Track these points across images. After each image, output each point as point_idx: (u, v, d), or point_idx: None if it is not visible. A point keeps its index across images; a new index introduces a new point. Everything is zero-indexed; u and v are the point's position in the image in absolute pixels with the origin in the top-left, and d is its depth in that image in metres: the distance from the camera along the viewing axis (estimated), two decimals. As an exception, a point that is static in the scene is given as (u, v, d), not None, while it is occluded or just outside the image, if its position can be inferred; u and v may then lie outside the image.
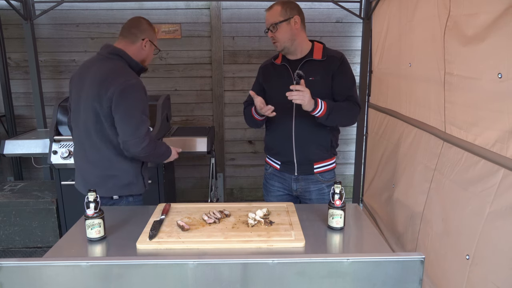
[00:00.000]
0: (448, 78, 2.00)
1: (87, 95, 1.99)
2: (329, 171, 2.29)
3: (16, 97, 3.97)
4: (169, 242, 1.61)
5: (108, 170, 2.06)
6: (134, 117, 1.94)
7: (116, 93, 1.91)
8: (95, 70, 2.02)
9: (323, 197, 2.27)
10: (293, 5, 2.12)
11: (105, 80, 1.94)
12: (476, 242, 1.71)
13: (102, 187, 2.02)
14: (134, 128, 1.93)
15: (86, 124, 2.02)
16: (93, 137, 2.01)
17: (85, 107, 2.01)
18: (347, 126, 2.26)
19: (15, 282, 1.34)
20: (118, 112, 1.93)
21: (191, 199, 4.30)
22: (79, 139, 2.10)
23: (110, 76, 1.94)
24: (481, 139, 1.74)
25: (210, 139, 3.28)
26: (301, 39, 2.15)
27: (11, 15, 3.62)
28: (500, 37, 1.58)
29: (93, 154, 2.05)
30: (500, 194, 1.59)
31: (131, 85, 1.94)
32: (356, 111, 2.16)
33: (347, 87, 2.15)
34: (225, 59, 4.02)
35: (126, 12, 3.87)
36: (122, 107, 1.92)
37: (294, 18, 2.08)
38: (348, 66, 2.18)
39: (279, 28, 2.09)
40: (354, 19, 3.77)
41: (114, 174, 2.06)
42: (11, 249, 3.29)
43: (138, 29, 2.10)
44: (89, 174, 2.10)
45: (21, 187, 3.50)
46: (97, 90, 1.94)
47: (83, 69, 2.12)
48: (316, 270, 1.36)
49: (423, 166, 2.30)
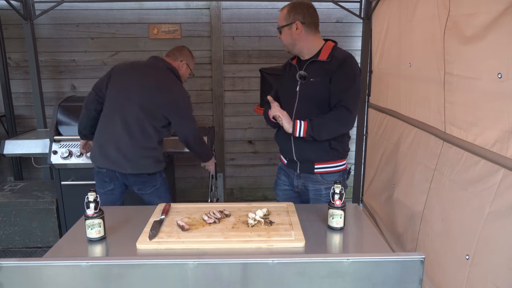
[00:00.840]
0: (448, 78, 2.00)
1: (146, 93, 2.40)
2: (331, 174, 2.20)
3: (16, 97, 3.97)
4: (169, 242, 1.61)
5: (149, 151, 2.45)
6: (190, 117, 2.53)
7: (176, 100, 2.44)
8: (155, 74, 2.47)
9: (319, 198, 2.23)
10: (298, 10, 2.10)
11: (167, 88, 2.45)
12: (476, 242, 1.71)
13: (142, 164, 2.43)
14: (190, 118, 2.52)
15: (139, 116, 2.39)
16: (145, 126, 2.40)
17: (142, 100, 2.39)
18: (343, 132, 2.16)
19: (15, 282, 1.34)
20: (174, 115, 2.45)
21: (191, 199, 4.30)
22: (124, 120, 2.40)
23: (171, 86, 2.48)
24: (481, 139, 1.74)
25: (210, 139, 3.28)
26: (306, 43, 2.13)
27: (11, 15, 3.62)
28: (500, 37, 1.58)
29: (140, 136, 2.41)
30: (500, 194, 1.59)
31: (185, 94, 2.50)
32: (344, 118, 2.06)
33: (340, 90, 2.04)
34: (225, 59, 4.02)
35: (126, 12, 3.87)
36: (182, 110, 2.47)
37: (295, 23, 2.08)
38: (348, 68, 2.06)
39: (282, 32, 2.14)
40: (354, 19, 3.77)
41: (152, 155, 2.47)
42: (11, 249, 3.29)
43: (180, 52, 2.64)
44: (131, 153, 2.41)
45: (21, 187, 3.50)
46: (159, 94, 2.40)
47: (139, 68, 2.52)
48: (316, 270, 1.36)
49: (423, 166, 2.30)
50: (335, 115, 2.04)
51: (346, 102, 2.04)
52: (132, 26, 3.91)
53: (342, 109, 2.03)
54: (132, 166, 2.42)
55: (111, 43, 3.94)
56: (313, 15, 2.13)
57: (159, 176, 2.55)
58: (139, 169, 2.44)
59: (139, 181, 2.49)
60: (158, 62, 2.52)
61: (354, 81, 2.07)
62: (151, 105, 2.40)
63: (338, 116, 2.04)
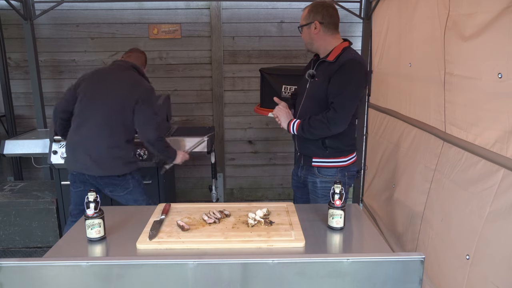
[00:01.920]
0: (448, 78, 2.00)
1: (115, 93, 2.46)
2: (327, 168, 2.25)
3: (16, 97, 3.97)
4: (169, 242, 1.61)
5: (117, 151, 2.45)
6: (154, 111, 2.51)
7: (144, 96, 2.46)
8: (122, 74, 2.54)
9: (315, 190, 2.30)
10: (318, 10, 2.16)
11: (134, 85, 2.49)
12: (476, 242, 1.71)
13: (109, 166, 2.43)
14: (153, 118, 2.48)
15: (107, 116, 2.42)
16: (113, 126, 2.43)
17: (111, 100, 2.44)
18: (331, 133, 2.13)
19: (15, 282, 1.34)
20: (142, 109, 2.43)
21: (191, 199, 4.30)
22: (92, 123, 2.43)
23: (138, 81, 2.54)
24: (481, 139, 1.74)
25: (210, 139, 3.28)
26: (323, 42, 2.19)
27: (11, 15, 3.62)
28: (500, 37, 1.57)
29: (108, 138, 2.42)
30: (500, 194, 1.59)
31: (152, 89, 2.56)
32: (331, 119, 2.06)
33: (334, 91, 2.08)
34: (225, 59, 4.02)
35: (126, 12, 3.87)
36: (146, 106, 2.45)
37: (314, 23, 2.15)
38: (346, 71, 2.07)
39: (303, 30, 2.23)
40: (354, 19, 3.77)
41: (122, 155, 2.46)
42: (11, 249, 3.29)
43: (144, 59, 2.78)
44: (98, 155, 2.42)
45: (21, 187, 3.50)
46: (128, 90, 2.46)
47: (105, 72, 2.61)
48: (316, 270, 1.36)
49: (423, 166, 2.30)
50: (323, 117, 2.09)
51: (336, 104, 2.06)
52: (132, 26, 3.91)
53: (331, 111, 2.07)
54: (99, 167, 2.42)
55: (111, 43, 3.94)
56: (333, 15, 2.17)
57: (131, 178, 2.53)
58: (106, 171, 2.44)
59: (110, 184, 2.49)
60: (123, 63, 2.60)
61: (349, 84, 2.07)
62: (122, 97, 2.43)
63: (326, 117, 2.07)
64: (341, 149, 2.23)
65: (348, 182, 2.30)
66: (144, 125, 2.47)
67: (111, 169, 2.45)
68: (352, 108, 2.12)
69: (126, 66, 2.57)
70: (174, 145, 3.21)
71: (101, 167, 2.42)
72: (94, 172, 2.44)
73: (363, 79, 2.17)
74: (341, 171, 2.25)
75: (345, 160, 2.26)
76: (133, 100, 2.42)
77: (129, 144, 2.50)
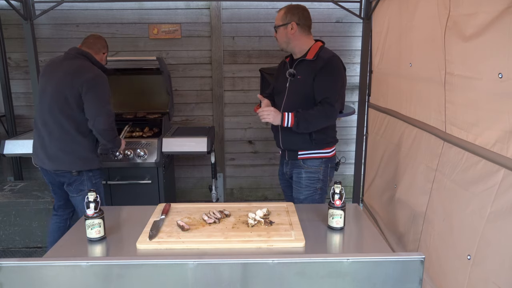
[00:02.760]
0: (448, 78, 2.00)
1: (58, 83, 2.40)
2: (312, 159, 2.36)
3: (16, 97, 3.96)
4: (169, 242, 1.61)
5: (68, 144, 2.41)
6: (104, 99, 2.42)
7: (87, 83, 2.36)
8: (67, 64, 2.45)
9: (300, 181, 2.39)
10: (295, 11, 2.30)
11: (77, 72, 2.40)
12: (477, 242, 1.71)
13: (62, 161, 2.41)
14: (103, 107, 2.40)
15: (52, 105, 2.39)
16: (58, 116, 2.38)
17: (55, 91, 2.39)
18: (326, 125, 2.29)
19: (15, 282, 1.34)
20: (89, 97, 2.36)
21: (191, 199, 4.30)
22: (43, 118, 2.43)
23: (82, 69, 2.43)
24: (481, 139, 1.74)
25: (210, 139, 3.29)
26: (298, 42, 2.32)
27: (11, 15, 3.62)
28: (500, 37, 1.57)
29: (56, 130, 2.40)
30: (501, 194, 1.59)
31: (99, 75, 2.44)
32: (329, 113, 2.22)
33: (323, 89, 2.21)
34: (225, 59, 4.02)
35: (126, 12, 3.87)
36: (92, 93, 2.37)
37: (291, 24, 2.27)
38: (332, 68, 2.22)
39: (278, 31, 2.34)
40: (354, 19, 3.76)
41: (74, 149, 2.41)
42: (11, 249, 3.29)
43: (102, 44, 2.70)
44: (51, 149, 2.41)
45: (21, 187, 3.50)
46: (70, 79, 2.37)
47: (54, 64, 2.53)
48: (316, 270, 1.36)
49: (424, 166, 2.30)
50: (321, 111, 2.21)
51: (330, 99, 2.21)
52: (132, 26, 3.91)
53: (326, 105, 2.21)
54: (51, 162, 2.42)
55: (111, 43, 3.91)
56: (308, 18, 2.33)
57: (87, 180, 2.46)
58: (58, 165, 2.42)
59: (65, 182, 2.47)
60: (72, 51, 2.52)
61: (337, 79, 2.25)
62: (63, 89, 2.36)
63: (324, 111, 2.21)
64: (325, 141, 2.36)
65: (330, 173, 2.42)
66: (92, 114, 2.37)
67: (63, 164, 2.40)
68: (342, 99, 2.32)
69: (75, 55, 2.48)
70: (174, 145, 3.23)
71: (53, 161, 2.41)
72: (48, 166, 2.44)
73: (344, 73, 2.35)
74: (325, 162, 2.38)
75: (329, 151, 2.39)
76: (75, 90, 2.34)
77: (84, 138, 2.42)
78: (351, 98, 4.06)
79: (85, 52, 2.51)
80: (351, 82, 4.02)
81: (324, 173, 2.37)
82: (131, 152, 3.10)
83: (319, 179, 2.36)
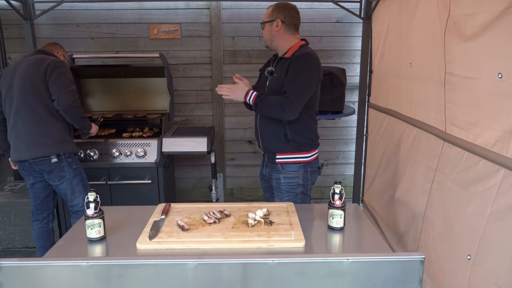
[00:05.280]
0: (448, 78, 2.00)
1: (24, 72, 2.51)
2: (290, 164, 2.30)
3: (16, 97, 3.96)
4: (169, 242, 1.61)
5: (44, 128, 2.48)
6: (67, 79, 2.53)
7: (51, 64, 2.50)
8: (28, 59, 2.57)
9: (279, 186, 2.35)
10: (281, 9, 2.27)
11: (40, 60, 2.53)
12: (477, 242, 1.71)
13: (39, 146, 2.46)
14: (66, 86, 2.50)
15: (23, 93, 2.48)
16: (30, 102, 2.47)
17: (23, 80, 2.50)
18: (281, 118, 2.22)
19: (15, 282, 1.34)
20: (53, 77, 2.47)
21: (191, 199, 4.30)
22: (16, 110, 2.50)
23: (45, 57, 2.58)
24: (481, 139, 1.74)
25: (210, 139, 3.28)
26: (281, 41, 2.29)
27: (11, 15, 3.62)
28: (500, 37, 1.57)
29: (30, 117, 2.47)
30: (501, 194, 1.59)
31: (61, 61, 2.62)
32: (285, 105, 2.13)
33: (287, 81, 2.18)
34: (225, 59, 4.02)
35: (126, 12, 3.87)
36: (56, 72, 2.49)
37: (276, 21, 2.26)
38: (301, 65, 2.16)
39: (264, 27, 2.33)
40: (354, 19, 3.76)
41: (50, 132, 2.49)
42: (11, 249, 3.29)
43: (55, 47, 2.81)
44: (27, 136, 2.47)
45: (21, 187, 3.50)
46: (35, 64, 2.51)
47: (13, 65, 2.63)
48: (316, 270, 1.36)
49: (424, 166, 2.30)
50: (279, 102, 2.16)
51: (289, 93, 2.15)
52: (132, 26, 3.91)
53: (286, 99, 2.14)
54: (29, 150, 2.46)
55: (111, 43, 3.94)
56: (294, 16, 2.30)
57: (67, 166, 2.53)
58: (36, 152, 2.46)
59: (46, 170, 2.50)
60: (30, 52, 2.67)
61: (302, 74, 2.17)
62: (33, 74, 2.47)
63: (280, 103, 2.14)
64: (303, 143, 2.30)
65: (310, 178, 2.36)
66: (55, 92, 2.47)
67: (40, 149, 2.46)
68: (304, 97, 2.19)
69: (33, 53, 2.63)
70: (174, 145, 3.23)
71: (31, 149, 2.45)
72: (26, 155, 2.46)
73: (317, 72, 2.24)
74: (304, 166, 2.32)
75: (308, 156, 2.33)
76: (41, 72, 2.47)
77: (57, 121, 2.51)
78: (351, 98, 4.06)
79: (42, 50, 2.68)
80: (351, 82, 4.02)
81: (303, 178, 2.30)
82: (131, 152, 3.10)
83: (299, 184, 2.31)
